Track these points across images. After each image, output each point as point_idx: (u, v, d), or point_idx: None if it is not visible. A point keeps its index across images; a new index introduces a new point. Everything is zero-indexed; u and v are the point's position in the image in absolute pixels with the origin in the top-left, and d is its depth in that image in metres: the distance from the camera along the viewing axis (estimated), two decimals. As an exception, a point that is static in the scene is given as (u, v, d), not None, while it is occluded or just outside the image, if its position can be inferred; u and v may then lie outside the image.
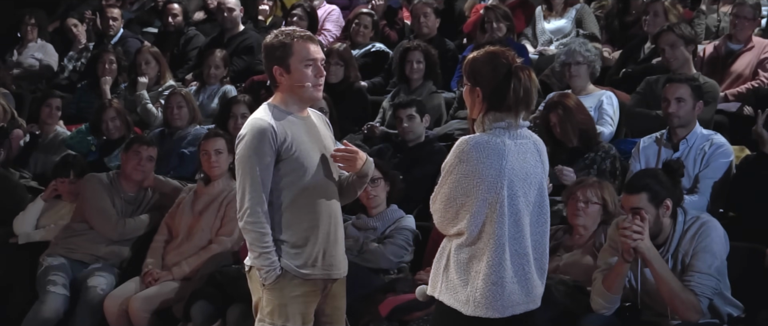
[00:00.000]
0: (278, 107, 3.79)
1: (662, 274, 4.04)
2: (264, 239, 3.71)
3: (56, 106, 7.37)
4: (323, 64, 3.83)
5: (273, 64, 3.79)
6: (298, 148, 3.73)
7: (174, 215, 5.65)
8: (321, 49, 3.85)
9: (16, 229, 6.08)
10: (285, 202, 3.74)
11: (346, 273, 3.96)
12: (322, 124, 3.95)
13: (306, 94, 3.79)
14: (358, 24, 8.01)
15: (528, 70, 3.37)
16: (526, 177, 3.35)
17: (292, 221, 3.75)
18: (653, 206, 4.13)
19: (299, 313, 3.77)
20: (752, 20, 6.66)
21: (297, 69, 3.75)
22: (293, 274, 3.74)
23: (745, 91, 6.38)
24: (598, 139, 5.55)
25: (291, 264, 3.73)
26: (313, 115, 3.95)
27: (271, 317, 3.76)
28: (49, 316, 5.43)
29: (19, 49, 9.17)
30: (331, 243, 3.81)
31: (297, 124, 3.78)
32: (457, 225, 3.35)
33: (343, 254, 3.93)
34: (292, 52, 3.76)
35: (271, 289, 3.75)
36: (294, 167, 3.72)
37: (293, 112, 3.80)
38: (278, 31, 3.85)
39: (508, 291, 3.31)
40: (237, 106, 6.54)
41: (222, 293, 5.12)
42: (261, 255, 3.72)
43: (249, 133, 3.71)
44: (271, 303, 3.76)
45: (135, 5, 10.28)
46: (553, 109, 5.47)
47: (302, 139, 3.76)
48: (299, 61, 3.75)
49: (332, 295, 3.90)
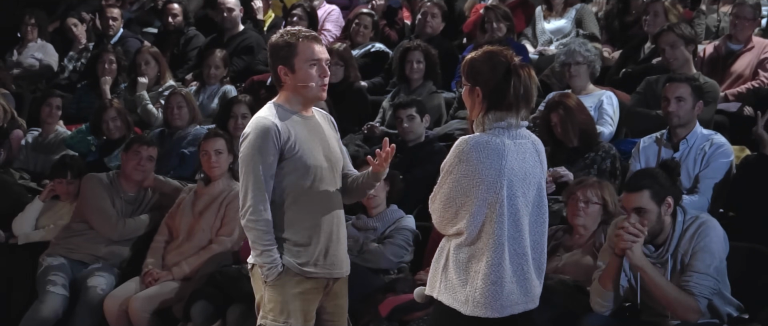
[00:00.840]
0: (282, 106, 3.81)
1: (655, 280, 4.04)
2: (266, 237, 3.73)
3: (56, 106, 7.36)
4: (328, 64, 3.84)
5: (278, 63, 3.81)
6: (301, 147, 3.74)
7: (174, 215, 5.65)
8: (326, 50, 3.87)
9: (15, 230, 6.09)
10: (288, 201, 3.76)
11: (349, 273, 3.97)
12: (327, 124, 3.97)
13: (310, 93, 3.82)
14: (358, 24, 8.00)
15: (527, 67, 3.38)
16: (526, 177, 3.36)
17: (295, 219, 3.76)
18: (655, 204, 4.13)
19: (301, 310, 3.78)
20: (752, 20, 6.66)
21: (301, 69, 3.78)
22: (295, 272, 3.76)
23: (745, 91, 6.37)
24: (598, 139, 5.55)
25: (293, 261, 3.75)
26: (318, 114, 3.96)
27: (273, 314, 3.77)
28: (48, 316, 5.43)
29: (19, 49, 9.16)
30: (334, 242, 3.83)
31: (301, 123, 3.80)
32: (456, 225, 3.35)
33: (346, 253, 3.95)
34: (297, 51, 3.78)
35: (273, 287, 3.77)
36: (297, 166, 3.74)
37: (297, 112, 3.82)
38: (284, 31, 3.88)
39: (507, 290, 3.31)
40: (237, 106, 6.54)
41: (222, 293, 5.12)
42: (263, 253, 3.74)
43: (253, 131, 3.73)
44: (273, 301, 3.78)
45: (135, 5, 10.27)
46: (554, 109, 5.47)
47: (305, 139, 3.77)
48: (304, 60, 3.78)
49: (334, 294, 3.92)
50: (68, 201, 6.12)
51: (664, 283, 4.05)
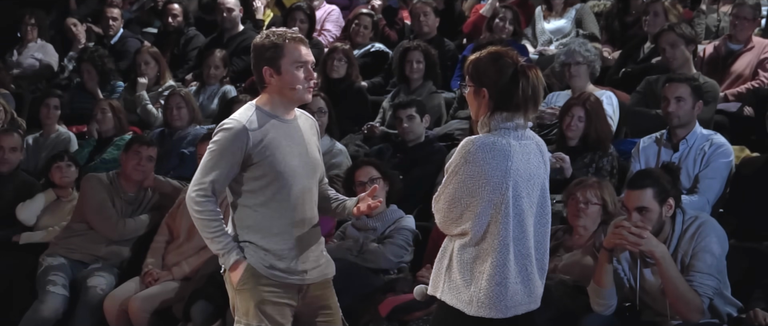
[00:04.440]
0: (262, 109, 3.74)
1: (671, 275, 4.02)
2: (212, 224, 3.68)
3: (54, 106, 7.34)
4: (313, 67, 3.78)
5: (263, 64, 3.73)
6: (273, 152, 3.67)
7: (174, 215, 5.65)
8: (311, 52, 3.80)
9: (18, 215, 6.11)
10: (257, 204, 3.70)
11: (328, 276, 3.88)
12: (309, 128, 3.88)
13: (296, 96, 3.74)
14: (358, 24, 8.01)
15: (535, 68, 3.37)
16: (530, 178, 3.36)
17: (264, 224, 3.70)
18: (657, 203, 4.13)
19: (274, 313, 3.72)
20: (752, 20, 6.67)
21: (288, 71, 3.70)
22: (263, 275, 3.70)
23: (745, 91, 6.38)
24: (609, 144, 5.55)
25: (261, 265, 3.69)
26: (302, 117, 3.88)
27: (247, 318, 3.74)
28: (48, 316, 5.43)
29: (19, 49, 9.16)
30: (304, 248, 3.76)
31: (278, 127, 3.73)
32: (460, 226, 3.34)
33: (323, 258, 3.86)
34: (283, 53, 3.70)
35: (243, 291, 3.72)
36: (266, 171, 3.67)
37: (278, 115, 3.75)
38: (269, 32, 3.80)
39: (511, 291, 3.31)
40: (238, 106, 6.51)
41: (222, 293, 5.09)
42: (213, 240, 3.69)
43: (225, 131, 3.68)
44: (244, 304, 3.74)
45: (135, 5, 10.27)
46: (584, 102, 5.52)
47: (279, 143, 3.70)
48: (290, 62, 3.70)
49: (316, 297, 3.84)
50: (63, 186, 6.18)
51: (677, 276, 4.04)
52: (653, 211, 4.13)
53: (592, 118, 5.48)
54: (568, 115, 5.52)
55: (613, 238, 4.06)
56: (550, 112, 6.02)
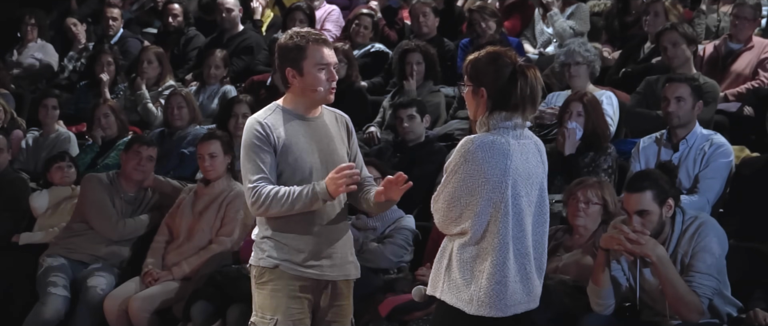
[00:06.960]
0: (285, 108, 3.79)
1: (670, 277, 4.03)
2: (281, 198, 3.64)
3: (53, 106, 7.33)
4: (336, 68, 3.82)
5: (286, 65, 3.76)
6: (289, 149, 3.71)
7: (174, 215, 5.65)
8: (334, 53, 3.83)
9: (31, 203, 6.13)
10: None
11: (350, 277, 3.89)
12: (336, 126, 3.90)
13: (318, 97, 3.78)
14: (358, 24, 8.00)
15: (533, 68, 3.38)
16: (529, 177, 3.36)
17: (282, 219, 3.72)
18: (657, 205, 4.13)
19: (289, 309, 3.72)
20: (752, 20, 6.67)
21: (310, 72, 3.73)
22: (282, 269, 3.72)
23: (745, 91, 6.38)
24: (607, 143, 5.55)
25: (281, 259, 3.71)
26: (330, 115, 3.91)
27: (262, 311, 3.76)
28: (50, 318, 5.43)
29: (19, 48, 9.16)
30: (327, 243, 3.77)
31: (299, 125, 3.76)
32: (460, 225, 3.35)
33: (349, 257, 3.88)
34: (306, 55, 3.73)
35: (263, 285, 3.74)
36: (283, 167, 3.71)
37: (301, 114, 3.79)
38: (293, 33, 3.82)
39: (510, 290, 3.31)
40: (238, 106, 6.54)
41: (222, 293, 5.12)
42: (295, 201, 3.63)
43: (244, 132, 3.76)
44: (261, 297, 3.76)
45: (135, 5, 10.27)
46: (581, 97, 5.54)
47: (298, 140, 3.73)
48: (313, 64, 3.73)
49: (334, 295, 3.86)
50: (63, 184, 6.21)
51: (676, 278, 4.04)
52: (653, 213, 4.12)
53: (591, 114, 5.48)
54: (566, 111, 5.53)
55: (611, 242, 4.06)
56: (550, 112, 6.03)
